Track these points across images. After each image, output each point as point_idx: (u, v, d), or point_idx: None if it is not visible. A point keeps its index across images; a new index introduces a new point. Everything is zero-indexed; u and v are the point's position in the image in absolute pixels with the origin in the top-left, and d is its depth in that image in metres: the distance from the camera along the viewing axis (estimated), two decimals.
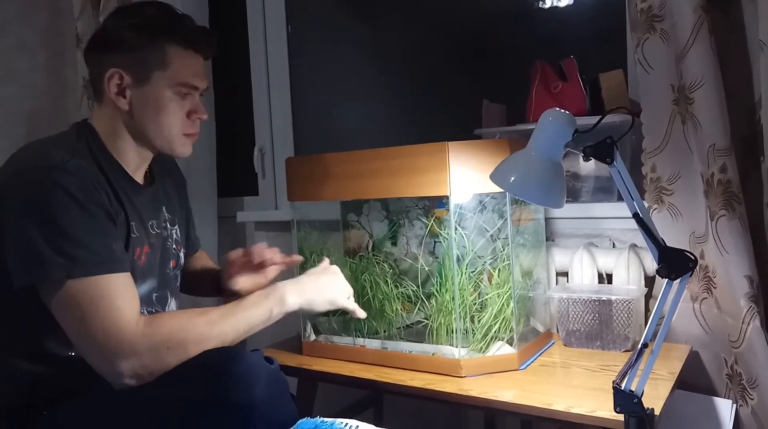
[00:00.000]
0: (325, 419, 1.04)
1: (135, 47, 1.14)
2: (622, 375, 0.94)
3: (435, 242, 1.35)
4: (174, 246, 1.31)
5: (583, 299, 1.35)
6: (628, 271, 1.40)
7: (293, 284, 1.19)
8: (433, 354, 1.27)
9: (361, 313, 1.28)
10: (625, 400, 0.93)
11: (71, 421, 1.08)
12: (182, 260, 1.35)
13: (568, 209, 1.52)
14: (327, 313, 1.43)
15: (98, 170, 1.12)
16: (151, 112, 1.16)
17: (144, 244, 1.19)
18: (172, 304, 1.30)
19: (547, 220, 1.53)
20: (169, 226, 1.30)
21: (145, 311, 1.19)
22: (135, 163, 1.21)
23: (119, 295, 1.04)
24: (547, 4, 1.84)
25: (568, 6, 1.82)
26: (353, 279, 1.39)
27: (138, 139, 1.19)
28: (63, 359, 1.10)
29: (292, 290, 1.17)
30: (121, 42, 1.15)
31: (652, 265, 1.40)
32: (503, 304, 1.26)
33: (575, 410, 1.03)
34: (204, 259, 1.51)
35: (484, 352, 1.26)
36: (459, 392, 1.15)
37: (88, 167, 1.10)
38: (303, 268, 1.46)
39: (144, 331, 1.03)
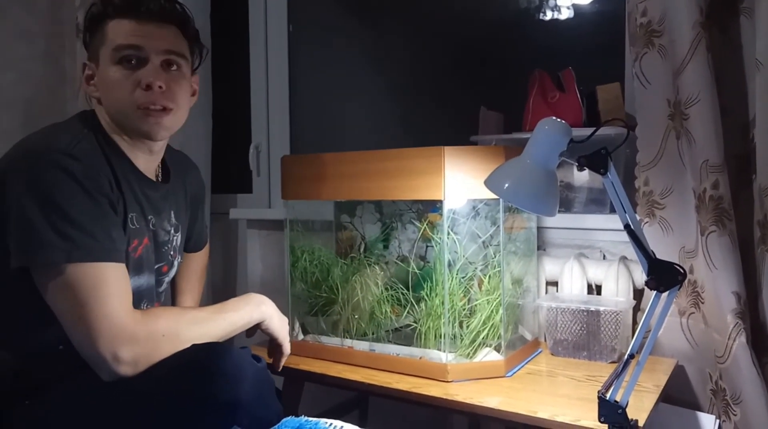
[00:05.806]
0: (310, 419, 1.03)
1: (90, 35, 1.17)
2: (608, 385, 0.95)
3: (427, 246, 1.35)
4: (171, 252, 1.30)
5: (572, 309, 1.35)
6: (618, 283, 1.41)
7: (264, 297, 1.24)
8: (420, 358, 1.27)
9: (279, 367, 1.29)
10: (610, 411, 0.93)
11: (54, 411, 1.07)
12: (175, 268, 1.34)
13: (560, 219, 1.52)
14: (316, 313, 1.43)
15: (103, 157, 1.12)
16: (105, 91, 1.16)
17: (143, 237, 1.18)
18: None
19: (539, 229, 1.54)
20: (173, 231, 1.29)
21: None
22: (139, 157, 1.20)
23: (118, 284, 1.04)
24: (548, 16, 1.86)
25: (568, 18, 1.83)
26: (344, 280, 1.39)
27: (119, 128, 1.17)
28: (51, 354, 1.09)
29: (265, 301, 1.23)
30: (84, 35, 1.19)
31: (641, 278, 1.41)
32: (492, 311, 1.26)
33: (560, 419, 1.03)
34: (195, 264, 1.50)
35: (471, 357, 1.26)
36: (445, 396, 1.16)
37: (94, 153, 1.10)
38: (294, 267, 1.46)
39: (141, 318, 1.04)
